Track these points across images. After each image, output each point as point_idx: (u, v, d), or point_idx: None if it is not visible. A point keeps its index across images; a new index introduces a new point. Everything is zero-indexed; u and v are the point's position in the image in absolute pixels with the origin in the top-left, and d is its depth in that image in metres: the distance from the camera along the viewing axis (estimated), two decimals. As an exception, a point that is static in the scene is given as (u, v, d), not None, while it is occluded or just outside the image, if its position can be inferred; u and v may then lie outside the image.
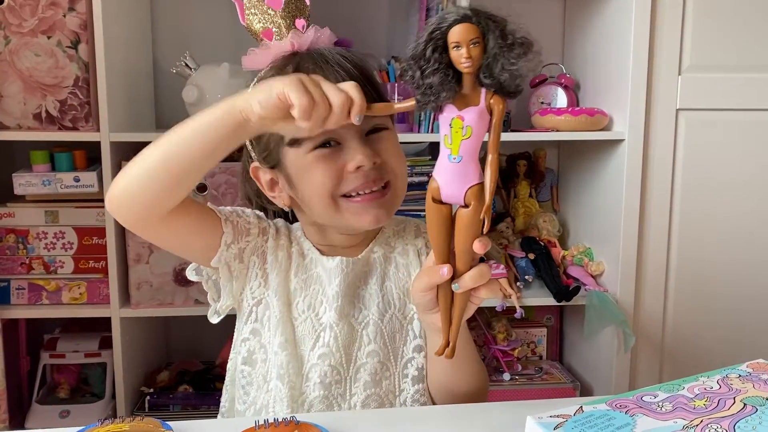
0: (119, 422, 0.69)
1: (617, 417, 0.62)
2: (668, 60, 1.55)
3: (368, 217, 0.81)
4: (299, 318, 0.86)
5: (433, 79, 0.61)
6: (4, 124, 1.48)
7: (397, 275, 0.89)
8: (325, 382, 0.85)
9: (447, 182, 0.64)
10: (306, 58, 0.81)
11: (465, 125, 0.61)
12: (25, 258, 1.53)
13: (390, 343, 0.87)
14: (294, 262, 0.88)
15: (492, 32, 0.61)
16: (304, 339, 0.86)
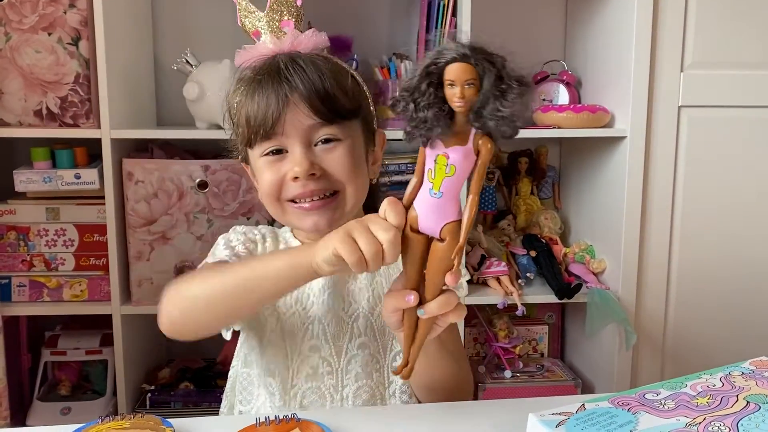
0: (120, 419, 0.69)
1: (620, 414, 0.62)
2: (670, 57, 1.55)
3: (308, 222, 0.84)
4: (287, 312, 0.88)
5: (427, 114, 0.60)
6: (4, 121, 1.48)
7: (387, 271, 0.90)
8: (317, 374, 0.87)
9: (425, 215, 0.64)
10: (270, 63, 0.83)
11: (449, 163, 0.62)
12: (26, 255, 1.53)
13: (380, 337, 0.90)
14: None
15: (488, 75, 0.60)
16: (293, 332, 0.88)
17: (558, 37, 1.91)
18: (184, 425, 0.70)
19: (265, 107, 0.80)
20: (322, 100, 0.80)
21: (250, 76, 0.83)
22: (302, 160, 0.80)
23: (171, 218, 1.51)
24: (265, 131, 0.81)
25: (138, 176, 1.49)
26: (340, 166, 0.83)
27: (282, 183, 0.83)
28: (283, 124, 0.80)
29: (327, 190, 0.83)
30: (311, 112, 0.80)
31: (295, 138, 0.81)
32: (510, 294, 1.59)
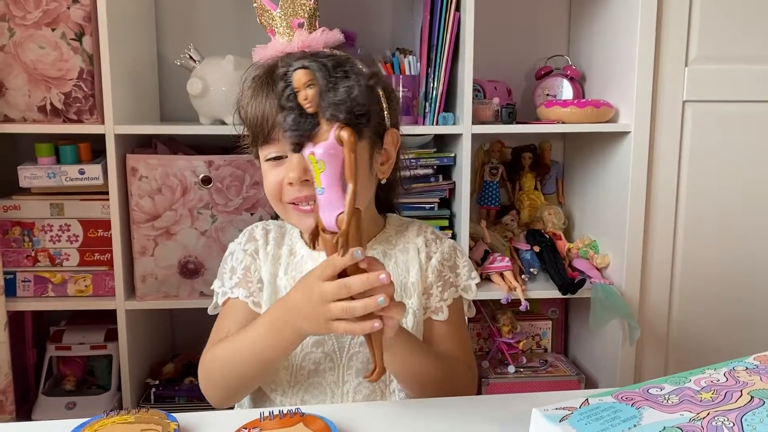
0: (125, 414, 0.69)
1: (623, 409, 0.62)
2: (675, 51, 1.54)
3: (306, 223, 0.86)
4: None
5: (288, 121, 0.69)
6: (9, 117, 1.48)
7: (396, 270, 0.92)
8: (319, 369, 0.89)
9: (322, 213, 0.70)
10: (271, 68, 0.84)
11: (317, 159, 0.68)
12: (31, 250, 1.54)
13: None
14: (283, 261, 0.93)
15: (321, 73, 0.69)
16: None
17: (562, 32, 1.90)
18: (188, 420, 0.70)
19: (261, 114, 0.84)
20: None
21: (252, 78, 0.86)
22: (295, 167, 0.83)
23: (175, 214, 1.51)
24: (264, 136, 0.85)
25: (142, 172, 1.49)
26: None
27: (281, 186, 0.86)
28: (277, 134, 0.83)
29: None
30: None
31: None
32: (513, 289, 1.59)
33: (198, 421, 0.70)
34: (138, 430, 0.66)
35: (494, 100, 1.65)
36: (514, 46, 1.89)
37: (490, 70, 1.78)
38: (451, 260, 0.96)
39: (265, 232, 0.97)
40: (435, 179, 1.63)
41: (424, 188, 1.63)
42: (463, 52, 1.53)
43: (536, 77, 1.83)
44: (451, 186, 1.64)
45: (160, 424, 0.67)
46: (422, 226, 0.99)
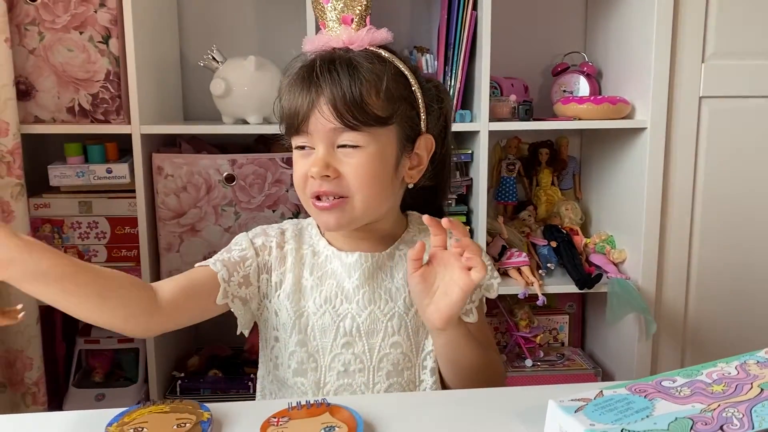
0: (160, 404, 0.73)
1: (636, 401, 0.64)
2: (691, 47, 1.55)
3: (321, 218, 0.88)
4: (318, 312, 0.90)
5: None
6: (39, 117, 1.53)
7: None
8: (349, 371, 0.88)
9: None
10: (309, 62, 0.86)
11: None
12: (61, 247, 1.58)
13: (413, 337, 0.90)
14: (307, 261, 0.92)
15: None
16: (324, 331, 0.89)
17: (578, 29, 1.91)
18: (220, 409, 0.73)
19: (295, 106, 0.84)
20: (347, 107, 0.82)
21: (293, 70, 0.87)
22: (318, 161, 0.83)
23: (200, 211, 1.55)
24: (296, 126, 0.85)
25: (167, 170, 1.53)
26: (354, 173, 0.84)
27: (306, 178, 0.86)
28: (308, 125, 0.84)
29: (336, 194, 0.85)
30: (334, 117, 0.82)
31: (319, 139, 0.84)
32: (531, 284, 1.61)
33: (229, 411, 0.73)
34: (173, 419, 0.69)
35: (511, 97, 1.67)
36: (530, 43, 1.90)
37: (507, 67, 1.80)
38: None
39: (280, 231, 0.95)
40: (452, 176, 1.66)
41: (442, 185, 1.65)
42: (480, 50, 1.55)
43: (553, 74, 1.85)
44: (468, 182, 1.67)
45: (194, 414, 0.70)
46: None
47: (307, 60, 0.86)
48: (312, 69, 0.84)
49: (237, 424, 0.71)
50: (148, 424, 0.68)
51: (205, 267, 0.89)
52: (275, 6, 1.81)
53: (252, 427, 0.68)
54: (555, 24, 1.91)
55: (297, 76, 0.85)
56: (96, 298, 0.76)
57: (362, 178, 0.85)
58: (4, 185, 1.46)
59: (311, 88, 0.83)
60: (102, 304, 0.77)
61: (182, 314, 0.87)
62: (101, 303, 0.77)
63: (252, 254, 0.91)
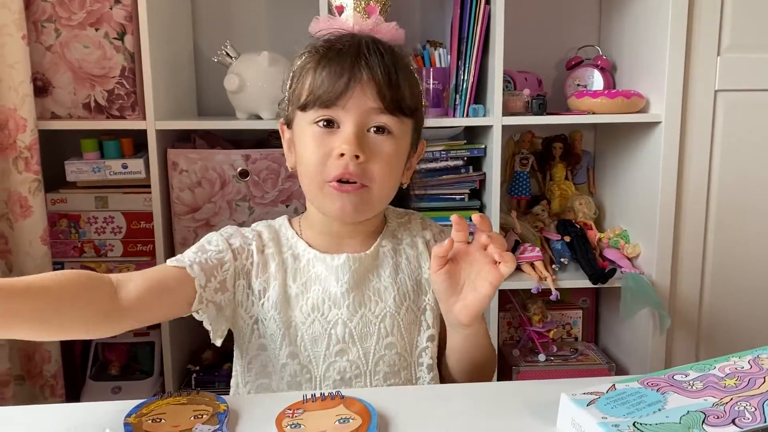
0: (177, 396, 0.74)
1: (648, 394, 0.65)
2: (707, 40, 1.54)
3: (338, 204, 0.82)
4: (306, 321, 0.86)
5: None
6: (56, 114, 1.55)
7: (409, 267, 0.91)
8: (345, 378, 0.86)
9: None
10: (348, 39, 0.83)
11: None
12: (77, 242, 1.60)
13: (406, 335, 0.88)
14: (290, 267, 0.87)
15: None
16: (316, 341, 0.86)
17: (592, 22, 1.90)
18: (236, 401, 0.74)
19: (336, 76, 0.80)
20: (390, 89, 0.81)
21: (325, 44, 0.84)
22: (353, 139, 0.80)
23: (214, 206, 1.57)
24: (329, 98, 0.80)
25: (182, 166, 1.54)
26: (381, 159, 0.82)
27: (327, 159, 0.81)
28: (348, 98, 0.80)
29: (360, 180, 0.81)
30: (378, 96, 0.80)
31: (353, 116, 0.81)
32: (544, 279, 1.61)
33: (245, 403, 0.74)
34: (191, 410, 0.70)
35: (525, 91, 1.66)
36: (544, 37, 1.89)
37: (521, 61, 1.79)
38: None
39: (257, 234, 0.90)
40: (465, 170, 1.66)
41: (454, 179, 1.65)
42: (494, 44, 1.55)
43: (567, 68, 1.84)
44: (482, 177, 1.67)
45: (211, 405, 0.71)
46: (425, 219, 0.98)
47: (342, 37, 0.84)
48: (358, 44, 0.82)
49: (253, 415, 0.72)
50: (166, 415, 0.70)
51: (179, 268, 0.82)
52: (288, 2, 1.82)
53: (267, 419, 0.69)
54: (569, 17, 1.90)
55: (339, 48, 0.82)
56: (46, 324, 0.67)
57: (386, 166, 0.83)
58: (22, 181, 1.48)
59: (359, 62, 0.80)
60: (58, 327, 0.69)
61: (148, 314, 0.80)
62: (57, 327, 0.68)
63: (230, 257, 0.85)
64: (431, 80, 1.64)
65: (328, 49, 0.83)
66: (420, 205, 1.61)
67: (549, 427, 0.68)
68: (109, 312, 0.73)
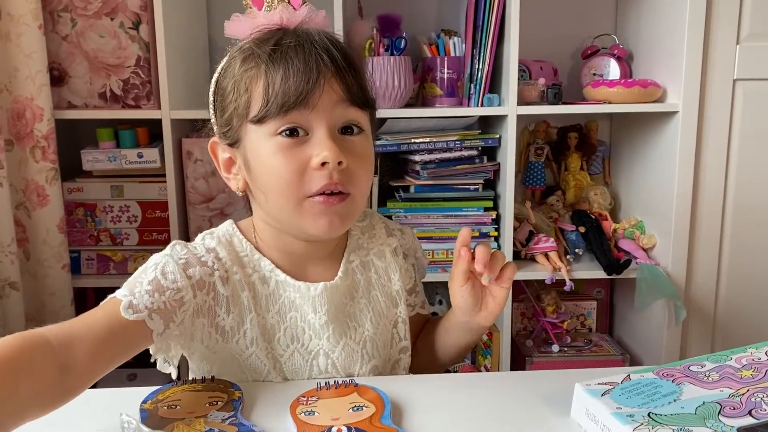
0: (192, 383, 0.74)
1: (664, 385, 0.64)
2: (726, 28, 1.51)
3: (324, 220, 0.73)
4: (285, 354, 0.78)
5: None
6: (72, 103, 1.56)
7: (379, 282, 0.85)
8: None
9: None
10: (290, 33, 0.73)
11: None
12: (94, 230, 1.62)
13: (383, 353, 0.85)
14: (260, 293, 0.78)
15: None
16: (297, 372, 0.79)
17: (609, 11, 1.88)
18: (250, 388, 0.75)
19: (300, 78, 0.70)
20: (355, 78, 0.73)
21: (261, 45, 0.73)
22: (331, 144, 0.70)
23: (228, 196, 1.57)
24: (295, 104, 0.70)
25: (197, 155, 1.55)
26: (360, 163, 0.74)
27: (303, 172, 0.71)
28: (317, 97, 0.70)
29: (344, 188, 0.73)
30: (345, 89, 0.72)
31: (323, 118, 0.71)
32: (558, 269, 1.61)
33: (259, 390, 0.75)
34: (206, 397, 0.71)
35: (540, 81, 1.65)
36: (560, 26, 1.88)
37: (536, 50, 1.78)
38: (418, 250, 0.93)
39: (214, 256, 0.77)
40: (479, 160, 1.65)
41: (468, 169, 1.64)
42: (509, 33, 1.54)
43: (583, 57, 1.82)
44: (496, 167, 1.66)
45: (226, 392, 0.72)
46: (387, 223, 0.90)
47: (283, 33, 0.73)
48: (307, 36, 0.72)
49: (267, 402, 0.72)
50: (182, 401, 0.70)
51: (135, 322, 0.69)
52: (302, -10, 1.81)
53: (282, 406, 0.70)
54: (585, 6, 1.88)
55: (288, 44, 0.71)
56: None
57: (368, 168, 0.76)
58: (39, 169, 1.50)
59: (320, 55, 0.71)
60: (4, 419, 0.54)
61: (98, 376, 0.66)
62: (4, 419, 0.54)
63: (189, 296, 0.73)
64: (446, 69, 1.63)
65: (273, 50, 0.71)
66: (434, 195, 1.63)
67: (563, 416, 0.68)
68: (57, 396, 0.60)
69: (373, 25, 1.62)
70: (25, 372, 0.57)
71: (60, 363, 0.60)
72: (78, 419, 0.70)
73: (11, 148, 1.49)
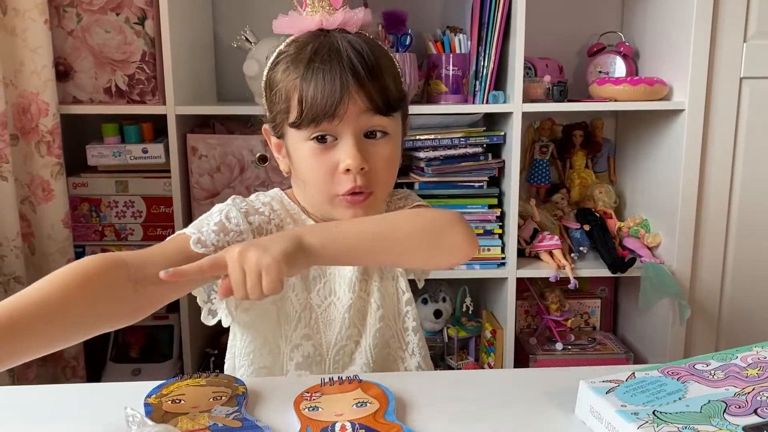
0: (197, 378, 0.74)
1: (669, 383, 0.64)
2: (733, 26, 1.51)
3: (350, 212, 0.82)
4: (322, 305, 0.86)
5: None
6: (77, 98, 1.56)
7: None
8: (307, 362, 0.86)
9: None
10: (324, 45, 0.79)
11: None
12: (98, 225, 1.62)
13: (389, 304, 0.90)
14: None
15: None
16: (287, 319, 0.85)
17: (615, 8, 1.87)
18: (254, 384, 0.75)
19: (327, 93, 0.77)
20: (378, 90, 0.79)
21: (300, 52, 0.80)
22: (355, 153, 0.78)
23: (233, 191, 1.57)
24: (324, 116, 0.77)
25: (201, 151, 1.55)
26: (384, 165, 0.82)
27: (333, 174, 0.80)
28: (342, 110, 0.77)
29: (366, 188, 0.81)
30: (368, 101, 0.78)
31: (349, 127, 0.79)
32: (562, 267, 1.60)
33: (263, 386, 0.75)
34: (210, 392, 0.71)
35: (545, 78, 1.64)
36: (566, 23, 1.87)
37: (542, 48, 1.77)
38: None
39: (270, 207, 0.87)
40: (484, 158, 1.65)
41: (473, 167, 1.64)
42: (515, 30, 1.53)
43: (588, 54, 1.81)
44: (501, 164, 1.66)
45: (230, 387, 0.72)
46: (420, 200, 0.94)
47: (315, 39, 0.80)
48: (336, 49, 0.79)
49: (271, 398, 0.72)
50: (186, 396, 0.70)
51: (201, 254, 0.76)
52: (308, -13, 1.81)
53: (285, 402, 0.70)
54: (591, 3, 1.87)
55: (320, 58, 0.78)
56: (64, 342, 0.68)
57: (389, 170, 0.83)
58: (44, 164, 1.50)
59: (344, 71, 0.77)
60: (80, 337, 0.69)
61: (170, 297, 0.77)
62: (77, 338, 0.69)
63: (250, 238, 0.81)
64: (451, 66, 1.63)
65: (308, 60, 0.78)
66: (438, 192, 1.63)
67: (567, 414, 0.67)
68: (129, 313, 0.71)
69: (379, 22, 1.62)
70: (103, 290, 0.67)
71: (134, 283, 0.69)
72: (83, 413, 0.70)
73: (16, 143, 1.49)
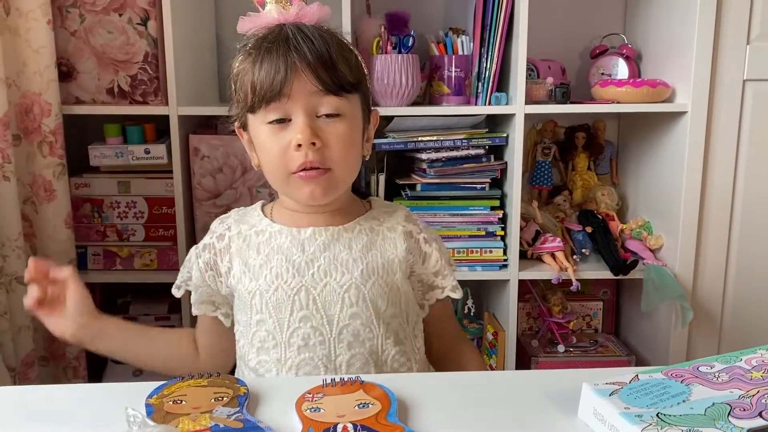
0: (198, 378, 0.74)
1: (673, 386, 0.64)
2: (736, 28, 1.51)
3: (307, 190, 0.86)
4: (270, 288, 0.89)
5: None
6: (79, 99, 1.56)
7: (383, 246, 0.92)
8: (309, 345, 0.88)
9: None
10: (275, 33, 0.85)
11: None
12: (100, 226, 1.62)
13: (372, 307, 0.89)
14: (253, 242, 0.91)
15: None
16: (279, 307, 0.89)
17: (618, 10, 1.87)
18: (255, 384, 0.75)
19: (273, 73, 0.82)
20: (327, 70, 0.83)
21: (256, 43, 0.86)
22: (305, 128, 0.83)
23: (235, 192, 1.57)
24: (272, 96, 0.83)
25: (204, 151, 1.55)
26: (338, 142, 0.85)
27: (286, 152, 0.84)
28: (290, 90, 0.82)
29: (321, 165, 0.84)
30: (316, 80, 0.82)
31: (300, 106, 0.83)
32: (565, 269, 1.60)
33: (264, 386, 0.75)
34: (211, 392, 0.71)
35: (548, 80, 1.64)
36: (568, 25, 1.87)
37: (544, 49, 1.77)
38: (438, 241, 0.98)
39: (220, 221, 0.97)
40: (486, 159, 1.64)
41: (475, 168, 1.64)
42: (517, 31, 1.53)
43: (591, 56, 1.81)
44: (503, 166, 1.65)
45: (231, 388, 0.72)
46: (410, 216, 0.98)
47: (270, 31, 0.86)
48: (285, 37, 0.83)
49: (272, 399, 0.72)
50: (187, 396, 0.70)
51: (210, 317, 0.98)
52: (310, -12, 1.81)
53: (287, 403, 0.69)
54: (594, 5, 1.87)
55: (268, 47, 0.84)
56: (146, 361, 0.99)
57: (344, 147, 0.86)
58: (46, 165, 1.50)
59: (290, 54, 0.82)
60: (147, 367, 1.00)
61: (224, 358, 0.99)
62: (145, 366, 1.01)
63: (203, 266, 0.94)
64: (453, 68, 1.63)
65: (258, 49, 0.84)
66: (440, 193, 1.62)
67: (570, 416, 0.67)
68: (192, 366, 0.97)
69: (381, 23, 1.62)
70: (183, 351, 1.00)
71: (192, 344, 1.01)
72: (84, 414, 0.70)
73: (19, 143, 1.49)
